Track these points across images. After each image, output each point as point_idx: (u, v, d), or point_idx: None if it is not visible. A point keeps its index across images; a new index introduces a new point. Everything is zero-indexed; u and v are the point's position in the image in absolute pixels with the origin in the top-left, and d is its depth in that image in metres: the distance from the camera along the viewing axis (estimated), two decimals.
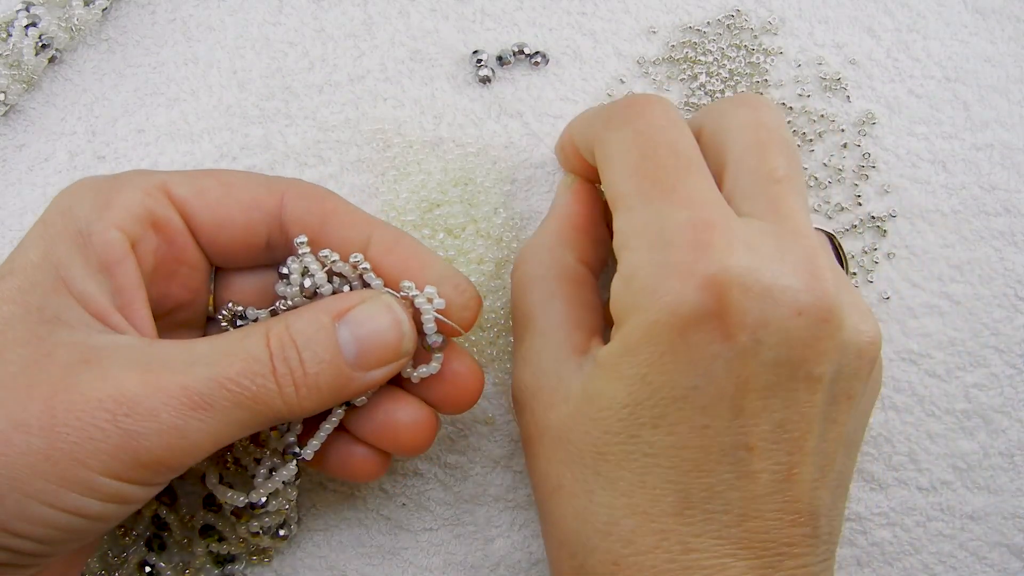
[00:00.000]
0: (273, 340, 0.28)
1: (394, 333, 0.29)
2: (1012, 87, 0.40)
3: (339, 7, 0.40)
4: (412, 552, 0.37)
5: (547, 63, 0.40)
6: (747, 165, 0.30)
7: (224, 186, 0.31)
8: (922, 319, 0.39)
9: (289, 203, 0.31)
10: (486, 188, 0.39)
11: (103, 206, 0.29)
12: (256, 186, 0.31)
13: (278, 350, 0.28)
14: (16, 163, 0.39)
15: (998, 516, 0.38)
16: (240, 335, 0.28)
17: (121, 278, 0.29)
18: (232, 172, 0.32)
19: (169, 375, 0.26)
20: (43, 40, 0.39)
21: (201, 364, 0.27)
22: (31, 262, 0.28)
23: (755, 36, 0.40)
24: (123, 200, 0.29)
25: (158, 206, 0.30)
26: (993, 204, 0.40)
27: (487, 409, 0.38)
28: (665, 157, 0.29)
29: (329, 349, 0.28)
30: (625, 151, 0.29)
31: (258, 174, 0.32)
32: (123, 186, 0.30)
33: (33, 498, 0.25)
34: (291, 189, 0.31)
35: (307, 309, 0.29)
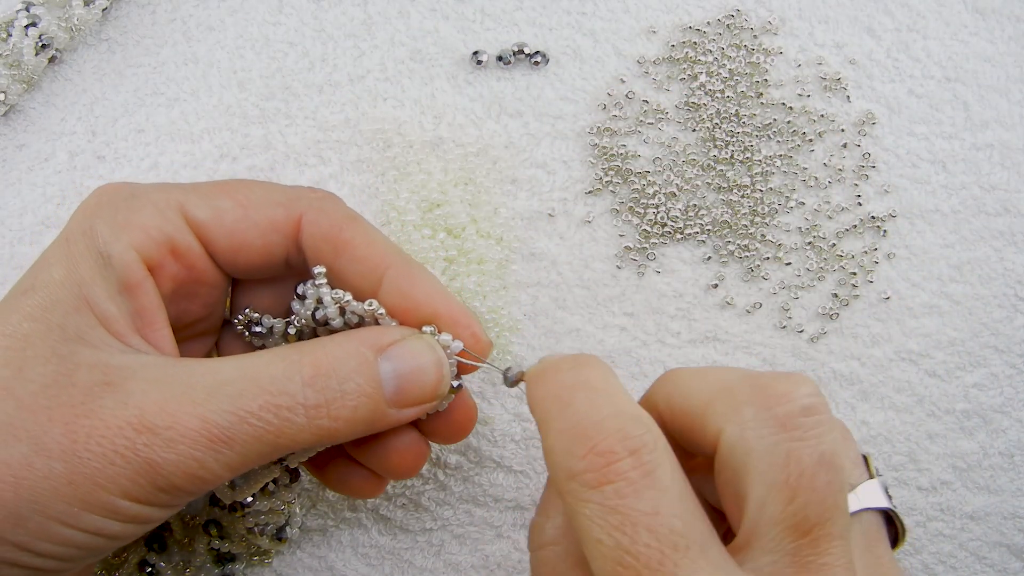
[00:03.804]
0: (308, 366, 0.27)
1: (435, 373, 0.29)
2: (1012, 87, 0.40)
3: (339, 7, 0.40)
4: (412, 552, 0.37)
5: (547, 63, 0.40)
6: (774, 515, 0.23)
7: (242, 207, 0.30)
8: (922, 319, 0.39)
9: (306, 229, 0.30)
10: (486, 188, 0.39)
11: (122, 227, 0.28)
12: (274, 206, 0.30)
13: (314, 379, 0.27)
14: (16, 163, 0.39)
15: (998, 516, 0.38)
16: (267, 359, 0.27)
17: (142, 299, 0.28)
18: (249, 186, 0.31)
19: (190, 404, 0.26)
20: (43, 40, 0.39)
21: (223, 393, 0.26)
22: (54, 280, 0.28)
23: (755, 36, 0.40)
24: (141, 222, 0.29)
25: (176, 231, 0.29)
26: (993, 204, 0.40)
27: (487, 410, 0.38)
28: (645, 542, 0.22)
29: (371, 383, 0.28)
30: (599, 535, 0.23)
31: (276, 187, 0.31)
32: (142, 206, 0.29)
33: (54, 520, 0.25)
34: (310, 210, 0.30)
35: (346, 338, 0.28)
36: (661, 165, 0.40)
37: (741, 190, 0.40)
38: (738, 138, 0.40)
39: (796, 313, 0.39)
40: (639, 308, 0.39)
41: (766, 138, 0.40)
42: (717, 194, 0.40)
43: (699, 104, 0.40)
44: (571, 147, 0.40)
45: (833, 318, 0.39)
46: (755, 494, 0.23)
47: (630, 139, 0.40)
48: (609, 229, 0.39)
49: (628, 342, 0.38)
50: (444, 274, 0.38)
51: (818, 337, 0.39)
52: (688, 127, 0.40)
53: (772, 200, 0.40)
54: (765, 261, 0.39)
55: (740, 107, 0.40)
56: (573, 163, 0.40)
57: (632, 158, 0.40)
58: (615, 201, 0.39)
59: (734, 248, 0.39)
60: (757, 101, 0.40)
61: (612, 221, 0.39)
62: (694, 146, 0.40)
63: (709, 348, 0.39)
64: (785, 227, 0.40)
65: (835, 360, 0.39)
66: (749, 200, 0.40)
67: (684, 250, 0.39)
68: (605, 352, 0.38)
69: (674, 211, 0.39)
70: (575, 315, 0.39)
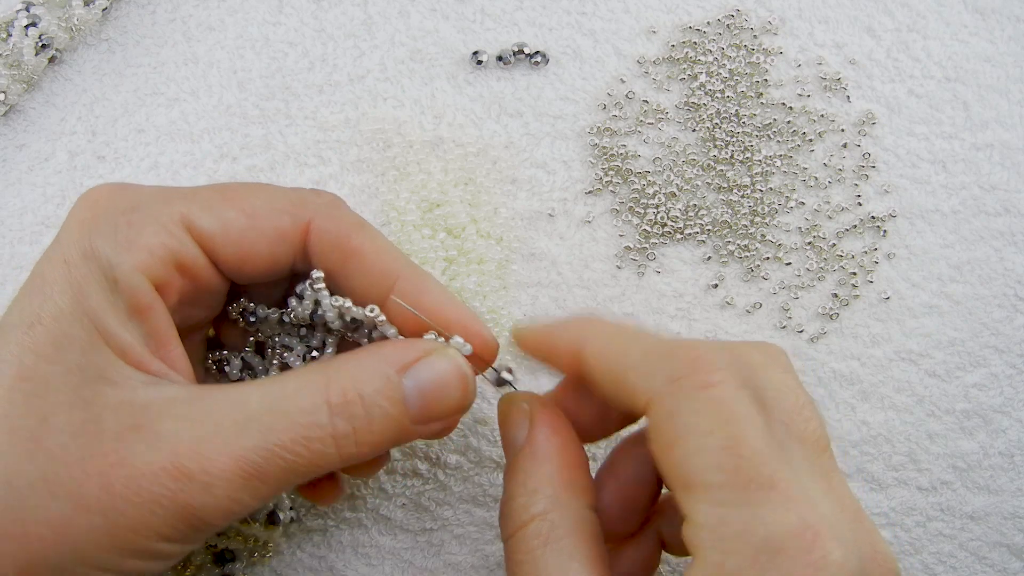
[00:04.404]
0: (334, 394, 0.27)
1: (459, 388, 0.28)
2: (1012, 87, 0.40)
3: (339, 7, 0.40)
4: (412, 552, 0.37)
5: (547, 63, 0.40)
6: (797, 430, 0.26)
7: (248, 216, 0.29)
8: (922, 319, 0.39)
9: (314, 237, 0.29)
10: (486, 188, 0.39)
11: (125, 246, 0.27)
12: (280, 215, 0.29)
13: (341, 407, 0.27)
14: (16, 163, 0.39)
15: (998, 516, 0.38)
16: (294, 386, 0.27)
17: (153, 322, 0.27)
18: (253, 192, 0.29)
19: (222, 443, 0.25)
20: (43, 40, 0.39)
21: (254, 428, 0.26)
22: (62, 311, 0.26)
23: (755, 36, 0.40)
24: (145, 240, 0.27)
25: (182, 247, 0.28)
26: (993, 204, 0.40)
27: (487, 410, 0.38)
28: (757, 442, 0.24)
29: (397, 405, 0.27)
30: (706, 429, 0.25)
31: (280, 191, 0.30)
32: (144, 221, 0.28)
33: (96, 568, 0.25)
34: (318, 218, 0.29)
35: (370, 358, 0.28)
36: (661, 165, 0.40)
37: (741, 190, 0.40)
38: (738, 138, 0.40)
39: (796, 313, 0.39)
40: (639, 308, 0.39)
41: (766, 138, 0.40)
42: (717, 194, 0.40)
43: (699, 104, 0.40)
44: (571, 147, 0.40)
45: (833, 318, 0.39)
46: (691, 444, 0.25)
47: (630, 139, 0.40)
48: (609, 229, 0.39)
49: None
50: (444, 274, 0.38)
51: (818, 337, 0.39)
52: (688, 127, 0.40)
53: (772, 200, 0.40)
54: (765, 261, 0.39)
55: (740, 107, 0.40)
56: (573, 163, 0.40)
57: (632, 158, 0.40)
58: (615, 201, 0.39)
59: (734, 248, 0.39)
60: (757, 101, 0.40)
61: (612, 221, 0.39)
62: (694, 146, 0.40)
63: None
64: (785, 227, 0.40)
65: (835, 360, 0.39)
66: (749, 200, 0.40)
67: (684, 250, 0.39)
68: None
69: (674, 211, 0.39)
70: None
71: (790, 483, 0.24)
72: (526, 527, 0.27)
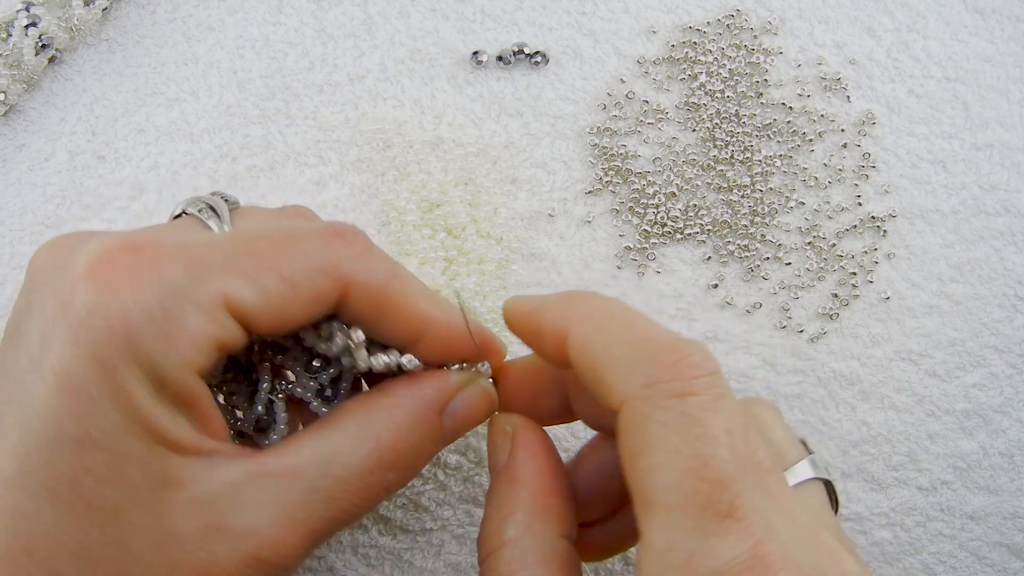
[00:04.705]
0: (386, 452, 0.27)
1: (488, 410, 0.30)
2: (1012, 87, 0.40)
3: (339, 7, 0.40)
4: (412, 553, 0.37)
5: (547, 63, 0.40)
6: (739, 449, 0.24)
7: (287, 283, 0.26)
8: (922, 319, 0.39)
9: (352, 296, 0.28)
10: (486, 188, 0.39)
11: (169, 342, 0.24)
12: (318, 276, 0.27)
13: (392, 462, 0.27)
14: (16, 163, 0.39)
15: (998, 516, 0.38)
16: (348, 446, 0.27)
17: (200, 408, 0.26)
18: (289, 247, 0.27)
19: (293, 525, 0.26)
20: (43, 40, 0.39)
21: (318, 500, 0.26)
22: (114, 426, 0.24)
23: (755, 36, 0.40)
24: (190, 333, 0.25)
25: (226, 333, 0.26)
26: (993, 204, 0.40)
27: None
28: (726, 465, 0.23)
29: (437, 443, 0.29)
30: (675, 445, 0.23)
31: (315, 244, 0.27)
32: (185, 311, 0.24)
33: None
34: (356, 274, 0.27)
35: (411, 402, 0.28)
36: (661, 165, 0.40)
37: (741, 190, 0.40)
38: (738, 138, 0.40)
39: (796, 313, 0.39)
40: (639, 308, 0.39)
41: (766, 138, 0.40)
42: (717, 194, 0.40)
43: (699, 104, 0.40)
44: (571, 147, 0.40)
45: (833, 318, 0.39)
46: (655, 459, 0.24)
47: (630, 139, 0.40)
48: (609, 229, 0.39)
49: None
50: (444, 274, 0.38)
51: (818, 337, 0.39)
52: (688, 127, 0.40)
53: (772, 200, 0.40)
54: (765, 261, 0.39)
55: (740, 107, 0.40)
56: (573, 163, 0.40)
57: (632, 158, 0.40)
58: (615, 201, 0.39)
59: (734, 248, 0.39)
60: (757, 101, 0.40)
61: (612, 221, 0.39)
62: (694, 146, 0.40)
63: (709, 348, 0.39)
64: (785, 227, 0.40)
65: (835, 360, 0.39)
66: (749, 200, 0.40)
67: (684, 250, 0.39)
68: None
69: (674, 211, 0.39)
70: None
71: (751, 510, 0.23)
72: (498, 552, 0.27)
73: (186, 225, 0.28)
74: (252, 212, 0.30)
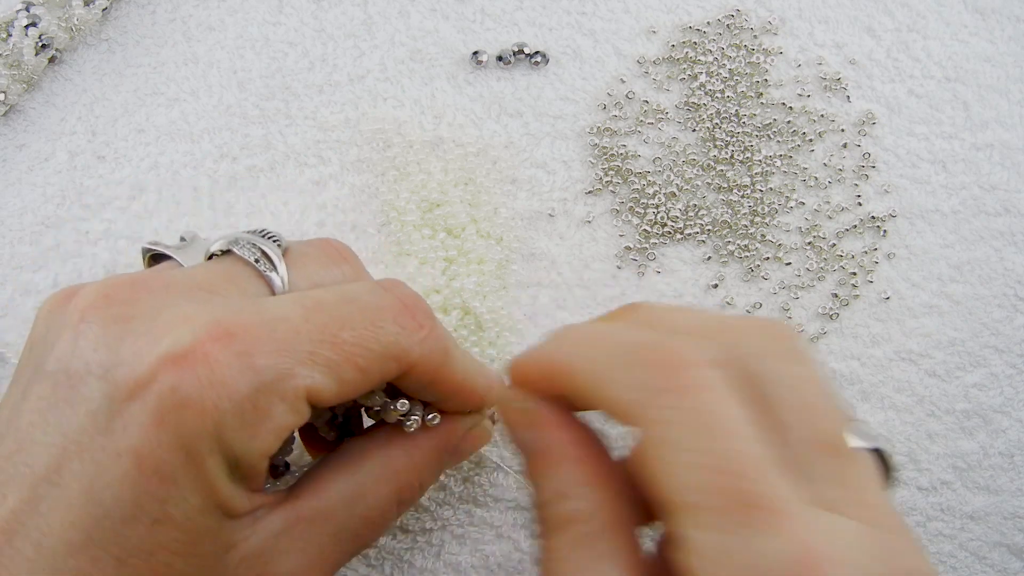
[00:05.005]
0: (404, 491, 0.30)
1: (484, 444, 0.33)
2: (1012, 87, 0.40)
3: (339, 7, 0.40)
4: (411, 552, 0.37)
5: (547, 63, 0.40)
6: (805, 432, 0.24)
7: (362, 373, 0.27)
8: (922, 319, 0.39)
9: (411, 377, 0.28)
10: (486, 188, 0.39)
11: (252, 432, 0.25)
12: (387, 362, 0.27)
13: (406, 494, 0.30)
14: (16, 163, 0.39)
15: (998, 516, 0.38)
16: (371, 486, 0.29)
17: (258, 479, 0.27)
18: (363, 330, 0.27)
19: (325, 564, 0.28)
20: (43, 40, 0.39)
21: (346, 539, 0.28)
22: (194, 508, 0.24)
23: (755, 36, 0.40)
24: (273, 425, 0.25)
25: (301, 419, 0.26)
26: (993, 204, 0.40)
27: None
28: (750, 456, 0.22)
29: (438, 475, 0.32)
30: (689, 443, 0.22)
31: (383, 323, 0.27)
32: (271, 405, 0.25)
33: None
34: (420, 358, 0.28)
35: (431, 448, 0.31)
36: (661, 165, 0.40)
37: (741, 190, 0.40)
38: (738, 138, 0.40)
39: (796, 313, 0.39)
40: None
41: (766, 138, 0.40)
42: (717, 194, 0.40)
43: (699, 104, 0.40)
44: (571, 147, 0.40)
45: (833, 318, 0.39)
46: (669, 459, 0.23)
47: (630, 139, 0.40)
48: (609, 229, 0.39)
49: None
50: (444, 274, 0.38)
51: (818, 337, 0.39)
52: (688, 127, 0.40)
53: (772, 200, 0.40)
54: (765, 261, 0.39)
55: (740, 107, 0.40)
56: (573, 163, 0.40)
57: (632, 158, 0.40)
58: (615, 201, 0.39)
59: (734, 248, 0.39)
60: (757, 101, 0.40)
61: (612, 221, 0.39)
62: (694, 146, 0.40)
63: None
64: (785, 227, 0.40)
65: (835, 360, 0.39)
66: (749, 200, 0.40)
67: (684, 250, 0.39)
68: None
69: (674, 211, 0.39)
70: (575, 315, 0.39)
71: (789, 503, 0.21)
72: (563, 530, 0.26)
73: (244, 278, 0.28)
74: (301, 258, 0.30)
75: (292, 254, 0.30)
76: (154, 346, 0.24)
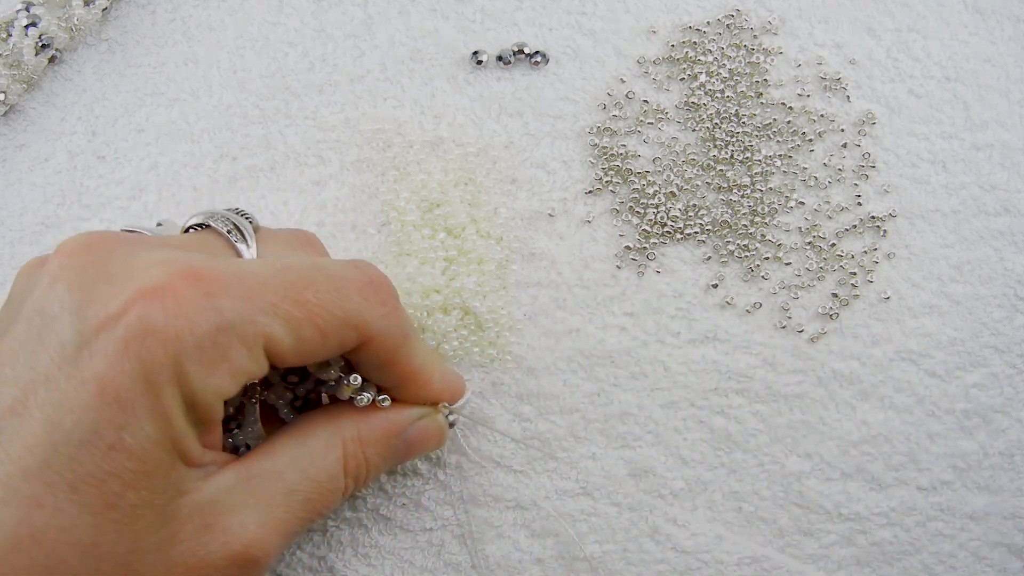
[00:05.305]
0: (350, 461, 0.31)
1: (439, 443, 0.34)
2: (1012, 87, 0.40)
3: (339, 7, 0.40)
4: (412, 552, 0.37)
5: (547, 63, 0.40)
6: None
7: (321, 333, 0.28)
8: (922, 319, 0.39)
9: (365, 348, 0.30)
10: (486, 188, 0.39)
11: (210, 369, 0.26)
12: (347, 329, 0.29)
13: (356, 471, 0.31)
14: (16, 163, 0.39)
15: (998, 516, 0.38)
16: (320, 452, 0.30)
17: (211, 426, 0.28)
18: (327, 293, 0.28)
19: (275, 523, 0.29)
20: (43, 40, 0.39)
21: (296, 501, 0.29)
22: (148, 438, 0.25)
23: (755, 36, 0.40)
24: (229, 366, 0.26)
25: (259, 369, 0.27)
26: (993, 204, 0.40)
27: (487, 410, 0.38)
28: None
29: (387, 461, 0.33)
30: None
31: (347, 291, 0.29)
32: (231, 344, 0.26)
33: None
34: (377, 335, 0.30)
35: (382, 428, 0.32)
36: (661, 165, 0.40)
37: (741, 190, 0.40)
38: (738, 138, 0.40)
39: (796, 313, 0.39)
40: (639, 308, 0.39)
41: (766, 138, 0.40)
42: (717, 194, 0.40)
43: (699, 104, 0.40)
44: (571, 147, 0.40)
45: (833, 318, 0.39)
46: None
47: (630, 139, 0.40)
48: (609, 229, 0.39)
49: (628, 342, 0.38)
50: (444, 274, 0.38)
51: (818, 337, 0.39)
52: (688, 127, 0.40)
53: (772, 200, 0.40)
54: (765, 261, 0.39)
55: (740, 107, 0.40)
56: (573, 163, 0.40)
57: (632, 158, 0.40)
58: (615, 201, 0.39)
59: (734, 248, 0.39)
60: (757, 101, 0.40)
61: (612, 221, 0.39)
62: (694, 146, 0.40)
63: (709, 348, 0.39)
64: (785, 227, 0.40)
65: (835, 360, 0.39)
66: (749, 200, 0.40)
67: (684, 250, 0.39)
68: (605, 352, 0.38)
69: (674, 211, 0.39)
70: (575, 315, 0.39)
71: None
72: None
73: (217, 245, 0.30)
74: (271, 238, 0.32)
75: (263, 233, 0.32)
76: (128, 284, 0.25)
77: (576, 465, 0.38)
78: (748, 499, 0.38)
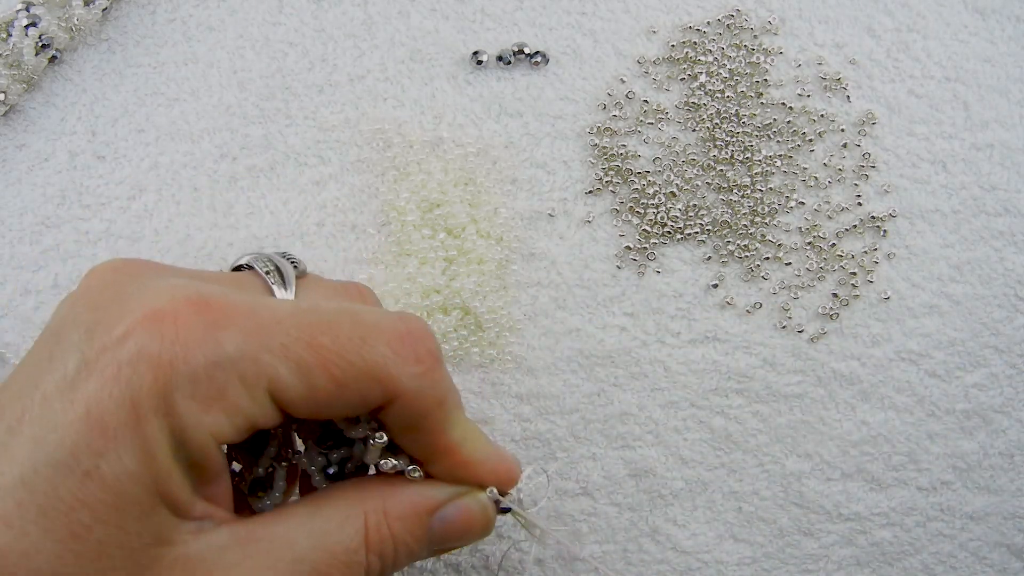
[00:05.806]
0: (375, 537, 0.27)
1: (483, 530, 0.30)
2: (1012, 87, 0.40)
3: (339, 7, 0.40)
4: None
5: (547, 63, 0.40)
6: None
7: (338, 385, 0.26)
8: (922, 319, 0.39)
9: (393, 407, 0.27)
10: (486, 188, 0.39)
11: (204, 408, 0.24)
12: (370, 384, 0.26)
13: (380, 547, 0.27)
14: (16, 163, 0.39)
15: (998, 516, 0.38)
16: (337, 522, 0.27)
17: (209, 473, 0.26)
18: (347, 342, 0.26)
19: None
20: (43, 40, 0.39)
21: (305, 569, 0.26)
22: (127, 471, 0.23)
23: (755, 36, 0.40)
24: (226, 406, 0.24)
25: (262, 415, 0.25)
26: (993, 204, 0.40)
27: (487, 410, 0.38)
28: None
29: (420, 543, 0.28)
30: None
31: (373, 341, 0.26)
32: (228, 381, 0.24)
33: None
34: (408, 393, 0.27)
35: (410, 501, 0.28)
36: (661, 165, 0.40)
37: (741, 190, 0.40)
38: (738, 138, 0.40)
39: (796, 313, 0.39)
40: (639, 308, 0.39)
41: (766, 138, 0.40)
42: (717, 194, 0.40)
43: (699, 104, 0.40)
44: (571, 147, 0.40)
45: (833, 318, 0.39)
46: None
47: (630, 139, 0.40)
48: (609, 229, 0.39)
49: (628, 342, 0.39)
50: (444, 274, 0.38)
51: (818, 337, 0.39)
52: (688, 127, 0.40)
53: (772, 200, 0.40)
54: (765, 261, 0.39)
55: (740, 107, 0.40)
56: (573, 163, 0.40)
57: (632, 158, 0.40)
58: (615, 201, 0.39)
59: (734, 248, 0.39)
60: (757, 101, 0.40)
61: (612, 221, 0.39)
62: (694, 146, 0.40)
63: (709, 348, 0.39)
64: (785, 227, 0.40)
65: (835, 360, 0.39)
66: (749, 200, 0.40)
67: (684, 250, 0.39)
68: (605, 352, 0.38)
69: (674, 211, 0.39)
70: (575, 315, 0.39)
71: None
72: None
73: (250, 283, 0.28)
74: (316, 285, 0.30)
75: (309, 279, 0.30)
76: (137, 309, 0.24)
77: (576, 465, 0.38)
78: (748, 499, 0.38)
